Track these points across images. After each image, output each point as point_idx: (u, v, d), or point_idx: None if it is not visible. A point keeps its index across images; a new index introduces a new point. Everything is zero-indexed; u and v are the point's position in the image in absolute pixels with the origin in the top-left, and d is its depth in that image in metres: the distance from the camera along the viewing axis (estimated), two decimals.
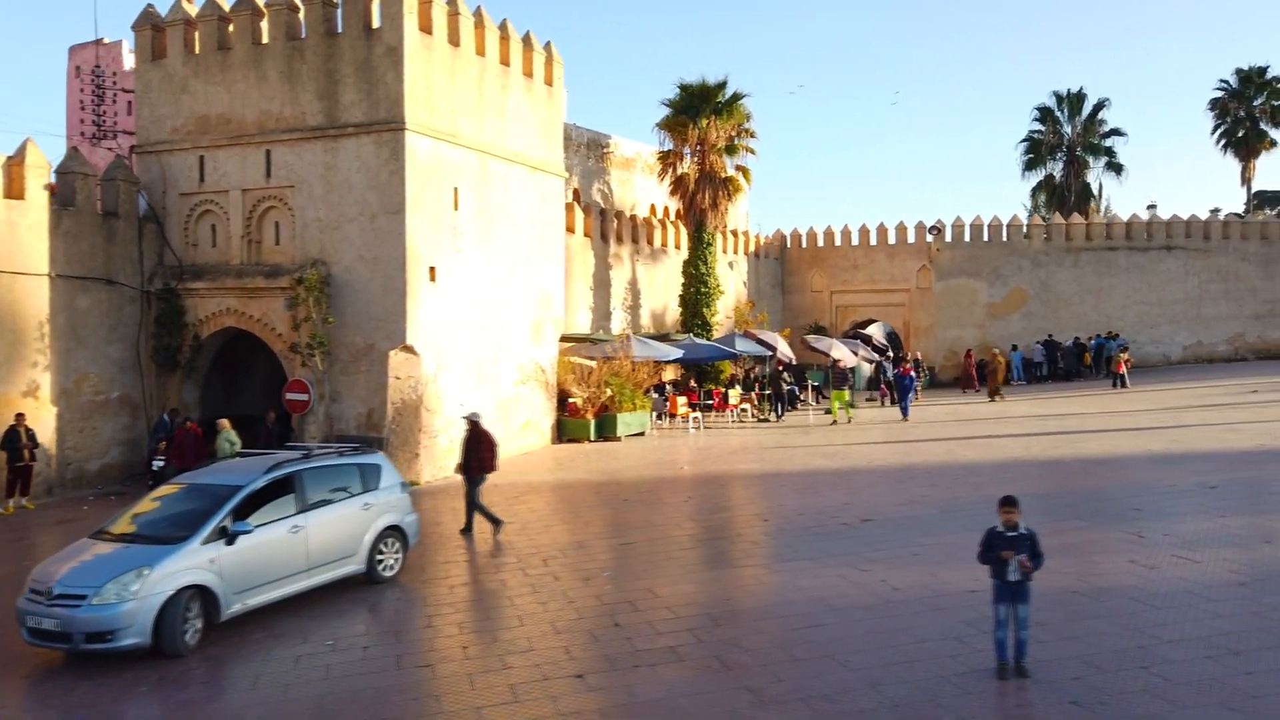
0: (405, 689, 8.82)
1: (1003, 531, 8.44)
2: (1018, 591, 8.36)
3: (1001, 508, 8.49)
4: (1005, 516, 8.43)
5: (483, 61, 21.80)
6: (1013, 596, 8.36)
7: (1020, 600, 8.37)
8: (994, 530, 8.51)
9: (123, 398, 20.86)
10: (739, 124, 34.02)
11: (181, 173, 21.34)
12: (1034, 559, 8.37)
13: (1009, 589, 8.37)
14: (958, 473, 18.43)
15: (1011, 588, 8.36)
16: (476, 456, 15.28)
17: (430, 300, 20.14)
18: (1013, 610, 8.37)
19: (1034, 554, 8.38)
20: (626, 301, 33.27)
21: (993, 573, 8.47)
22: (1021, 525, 8.45)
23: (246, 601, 10.67)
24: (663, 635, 9.91)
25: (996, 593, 8.46)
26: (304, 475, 11.63)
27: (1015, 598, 8.36)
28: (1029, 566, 8.30)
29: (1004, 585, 8.39)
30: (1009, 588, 8.36)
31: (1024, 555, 8.29)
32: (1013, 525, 8.41)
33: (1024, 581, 8.36)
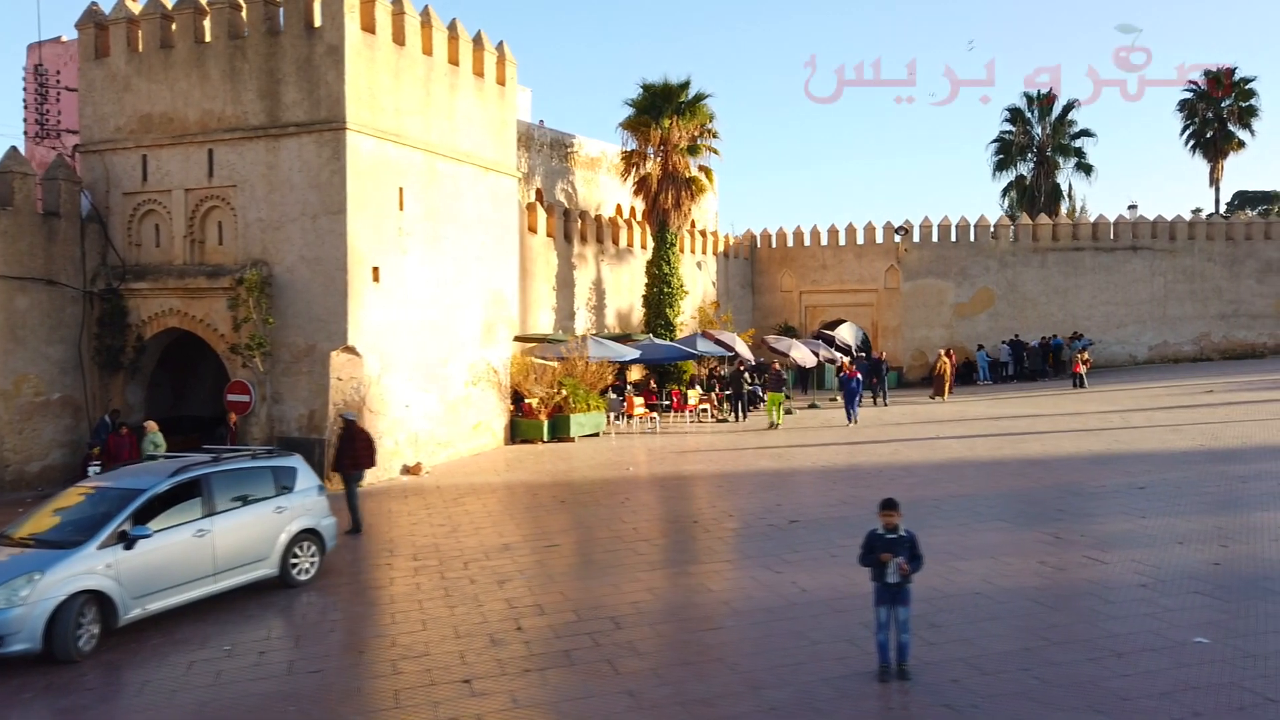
0: (290, 695, 8.76)
1: (882, 534, 8.45)
2: (897, 594, 8.36)
3: (882, 510, 8.49)
4: (885, 519, 8.43)
5: (430, 61, 21.70)
6: (892, 599, 8.36)
7: (900, 603, 8.37)
8: (874, 532, 8.51)
9: (64, 399, 20.68)
10: (702, 124, 34.01)
11: (124, 172, 21.17)
12: (913, 561, 8.36)
13: (889, 591, 8.36)
14: (896, 474, 18.45)
15: (891, 590, 8.35)
16: (351, 454, 15.74)
17: (373, 301, 20.03)
18: (893, 613, 8.37)
19: (913, 556, 8.37)
20: (591, 302, 33.23)
21: (873, 575, 8.47)
22: (902, 528, 8.44)
23: (146, 606, 10.58)
24: (562, 639, 9.88)
25: (877, 595, 8.46)
26: (211, 479, 11.53)
27: (895, 600, 8.36)
28: (907, 569, 8.29)
29: (884, 588, 8.38)
30: (889, 590, 8.36)
31: (902, 558, 8.28)
32: (893, 528, 8.41)
33: (903, 584, 8.36)
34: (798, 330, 42.63)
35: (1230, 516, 13.66)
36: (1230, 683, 7.93)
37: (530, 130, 34.02)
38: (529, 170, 33.56)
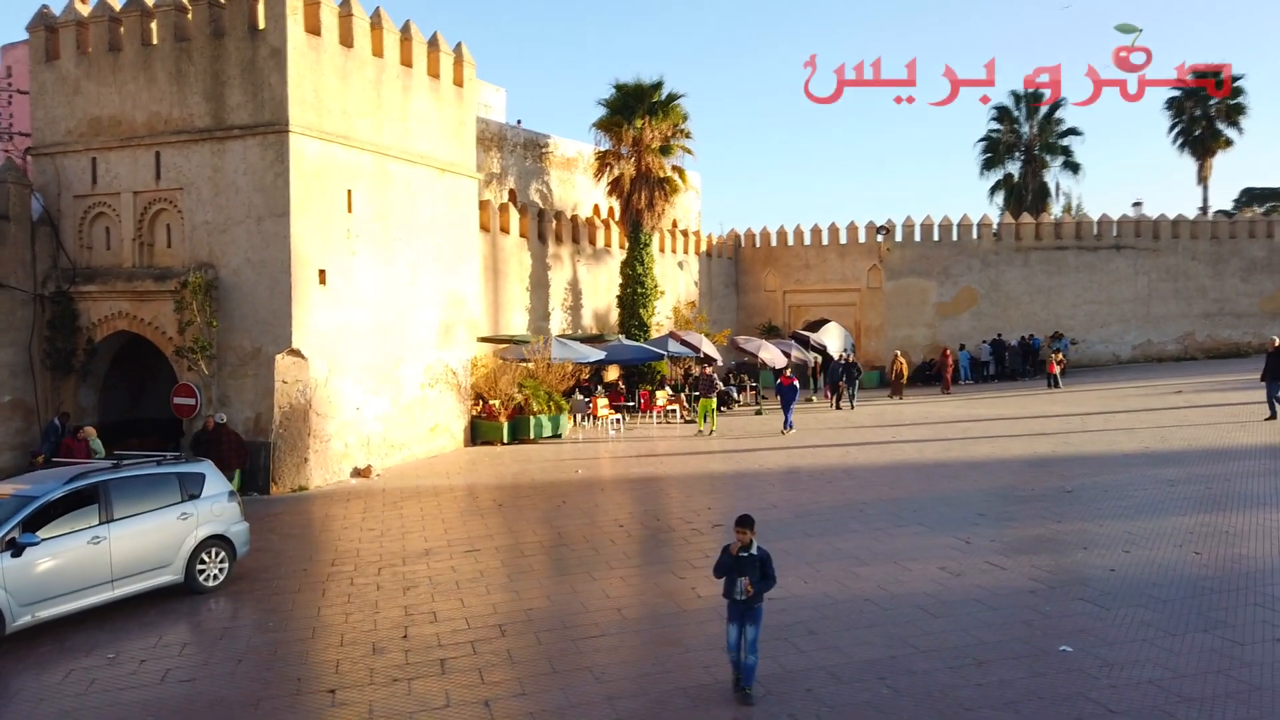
0: (154, 704, 8.77)
1: (736, 552, 8.26)
2: (746, 612, 8.18)
3: (736, 527, 8.30)
4: (739, 537, 8.23)
5: (381, 63, 21.69)
6: (741, 617, 8.19)
7: (750, 621, 8.19)
8: (726, 549, 8.35)
9: (15, 402, 20.77)
10: (675, 124, 33.93)
11: (75, 175, 21.25)
12: (763, 581, 8.19)
13: (738, 609, 8.21)
14: (835, 476, 18.39)
15: (740, 608, 8.20)
16: (218, 456, 16.62)
17: (320, 303, 20.06)
18: (744, 631, 8.20)
19: (763, 575, 8.20)
20: (567, 302, 33.23)
21: (724, 591, 8.33)
22: (755, 546, 8.26)
23: (37, 614, 10.62)
24: (443, 648, 9.87)
25: (729, 612, 8.32)
26: (109, 485, 11.57)
27: (744, 619, 8.19)
28: (751, 589, 8.10)
29: (734, 605, 8.24)
30: (738, 607, 8.21)
31: (747, 578, 8.12)
32: (745, 546, 8.21)
33: (752, 603, 8.18)
34: (781, 330, 42.56)
35: (1144, 521, 13.55)
36: (1077, 693, 7.87)
37: (503, 130, 34.04)
38: (502, 170, 33.59)
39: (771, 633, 9.68)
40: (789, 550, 12.93)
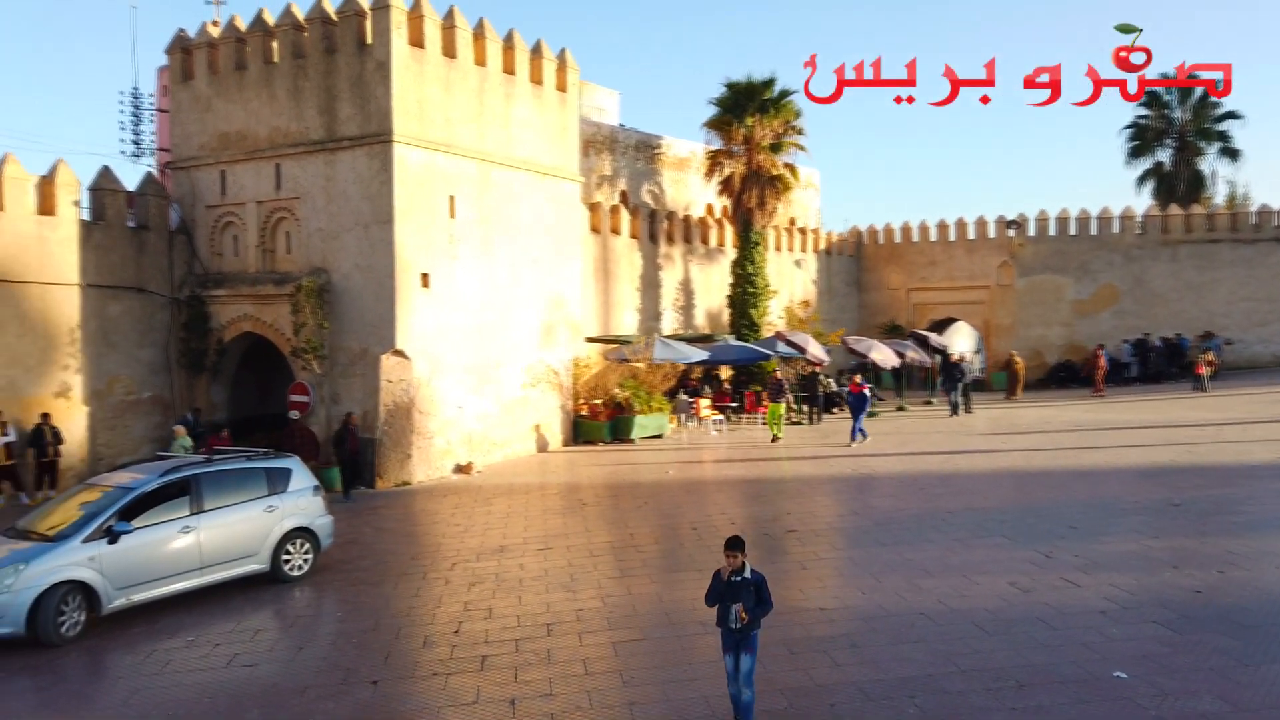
0: (213, 686, 9.34)
1: (729, 576, 7.73)
2: (741, 642, 7.65)
3: (725, 550, 7.76)
4: (729, 560, 7.70)
5: (483, 71, 22.31)
6: (736, 647, 7.67)
7: (745, 650, 7.64)
8: (718, 574, 7.81)
9: (154, 398, 22.43)
10: (787, 121, 33.48)
11: (207, 186, 22.77)
12: (759, 607, 7.66)
13: (733, 638, 7.68)
14: (929, 483, 17.76)
15: (734, 637, 7.66)
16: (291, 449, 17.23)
17: (423, 305, 20.81)
18: (739, 662, 7.67)
19: (759, 600, 7.67)
20: (678, 302, 33.35)
21: (717, 620, 7.81)
22: (748, 569, 7.74)
23: (131, 597, 11.46)
24: (488, 645, 10.11)
25: (723, 642, 7.80)
26: (201, 479, 12.37)
27: (739, 648, 7.66)
28: (745, 616, 7.56)
29: (728, 634, 7.70)
30: (732, 637, 7.67)
31: (741, 604, 7.57)
32: (737, 570, 7.69)
33: (747, 631, 7.64)
34: (905, 329, 41.36)
35: (1251, 540, 12.51)
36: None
37: (615, 133, 34.40)
38: (613, 172, 33.96)
39: (812, 644, 9.51)
40: (855, 559, 12.61)
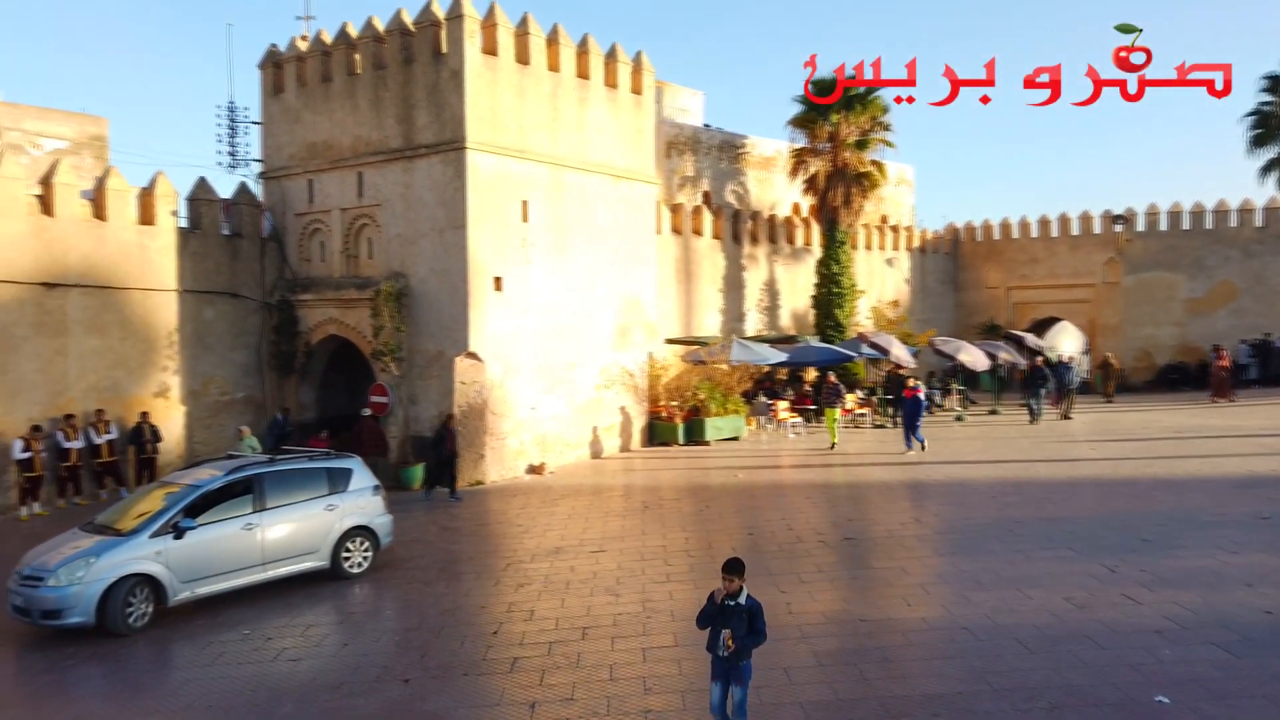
0: (256, 679, 9.70)
1: (723, 600, 7.38)
2: (730, 671, 7.31)
3: (723, 573, 7.43)
4: (725, 584, 7.35)
5: (557, 77, 22.54)
6: (725, 675, 7.34)
7: (735, 681, 7.31)
8: (713, 596, 7.46)
9: (247, 398, 23.45)
10: (874, 117, 32.77)
11: (296, 195, 23.68)
12: (751, 636, 7.29)
13: (721, 666, 7.34)
14: (1003, 490, 17.12)
15: (723, 665, 7.33)
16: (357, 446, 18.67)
17: (495, 308, 21.16)
18: (729, 692, 7.34)
19: (751, 629, 7.30)
20: (763, 303, 33.08)
21: (707, 645, 7.47)
22: (744, 595, 7.38)
23: (195, 590, 12.01)
24: (522, 646, 10.23)
25: (712, 669, 7.49)
26: (264, 478, 12.87)
27: (728, 677, 7.33)
28: (734, 644, 7.19)
29: (717, 661, 7.36)
30: (721, 665, 7.34)
31: (730, 630, 7.19)
32: (733, 594, 7.33)
33: (737, 660, 7.28)
34: (1003, 329, 40.02)
35: None
36: None
37: (698, 134, 34.30)
38: (696, 173, 33.88)
39: (843, 656, 9.29)
40: (907, 570, 12.25)
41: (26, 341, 19.47)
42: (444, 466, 19.61)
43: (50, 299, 19.83)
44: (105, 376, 20.74)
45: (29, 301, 19.52)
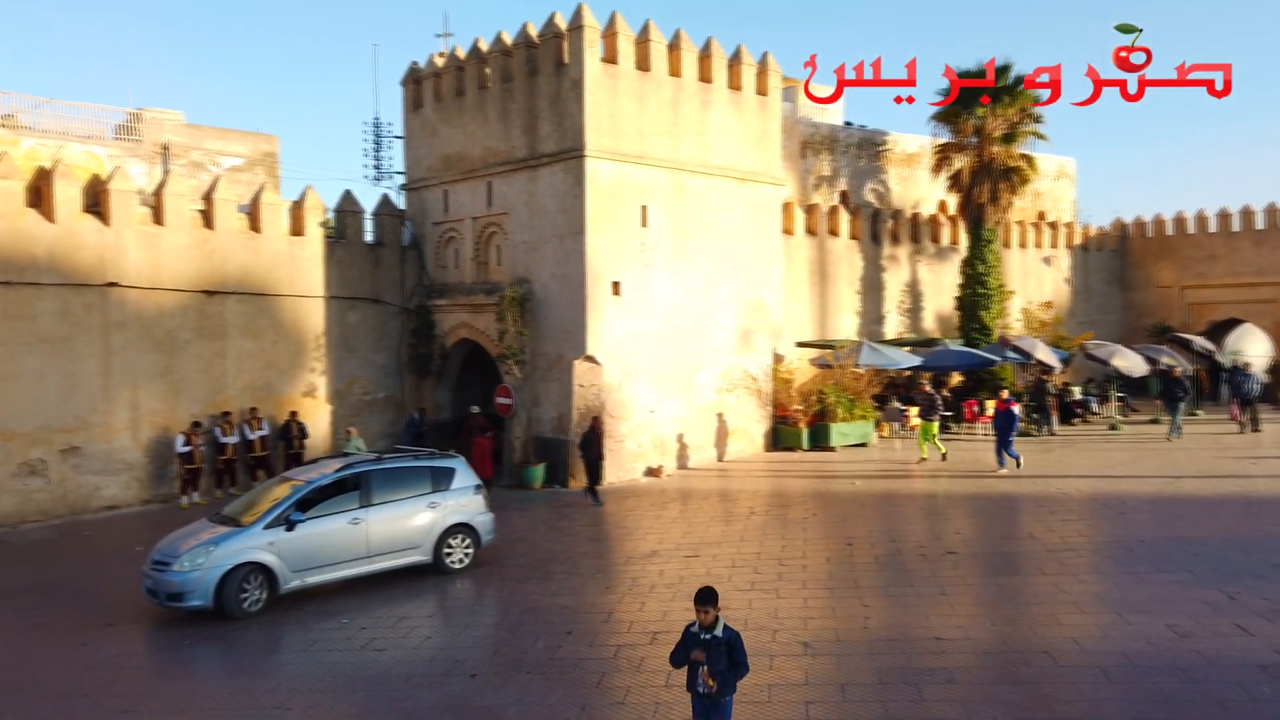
0: (340, 667, 10.29)
1: (696, 632, 6.88)
2: (711, 710, 6.83)
3: (696, 604, 6.92)
4: (699, 615, 6.88)
5: (678, 82, 22.66)
6: (706, 714, 6.86)
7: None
8: (689, 629, 6.97)
9: (388, 398, 24.77)
10: (1023, 109, 31.15)
11: (433, 205, 24.82)
12: (732, 669, 6.80)
13: (701, 705, 6.86)
14: (1136, 507, 15.97)
15: (703, 704, 6.85)
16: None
17: (614, 313, 21.49)
18: None
19: (732, 663, 6.80)
20: (904, 304, 32.19)
21: (687, 684, 6.99)
22: (721, 626, 6.86)
23: (305, 579, 12.83)
24: (591, 648, 10.42)
25: (693, 708, 7.00)
26: (371, 475, 13.59)
27: (709, 717, 6.86)
28: (713, 682, 6.71)
29: (697, 699, 6.88)
30: (701, 703, 6.85)
31: (707, 667, 6.73)
32: (708, 626, 6.83)
33: (718, 697, 6.79)
34: (1176, 330, 37.31)
35: None
36: None
37: (835, 132, 33.64)
38: (833, 172, 33.25)
39: (907, 675, 8.98)
40: (1004, 587, 11.66)
41: (189, 345, 21.26)
42: (592, 468, 19.59)
43: (210, 305, 21.57)
44: (259, 377, 22.36)
45: (192, 308, 21.30)
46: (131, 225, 20.45)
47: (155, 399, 20.70)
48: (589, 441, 19.72)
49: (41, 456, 19.19)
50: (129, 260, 20.39)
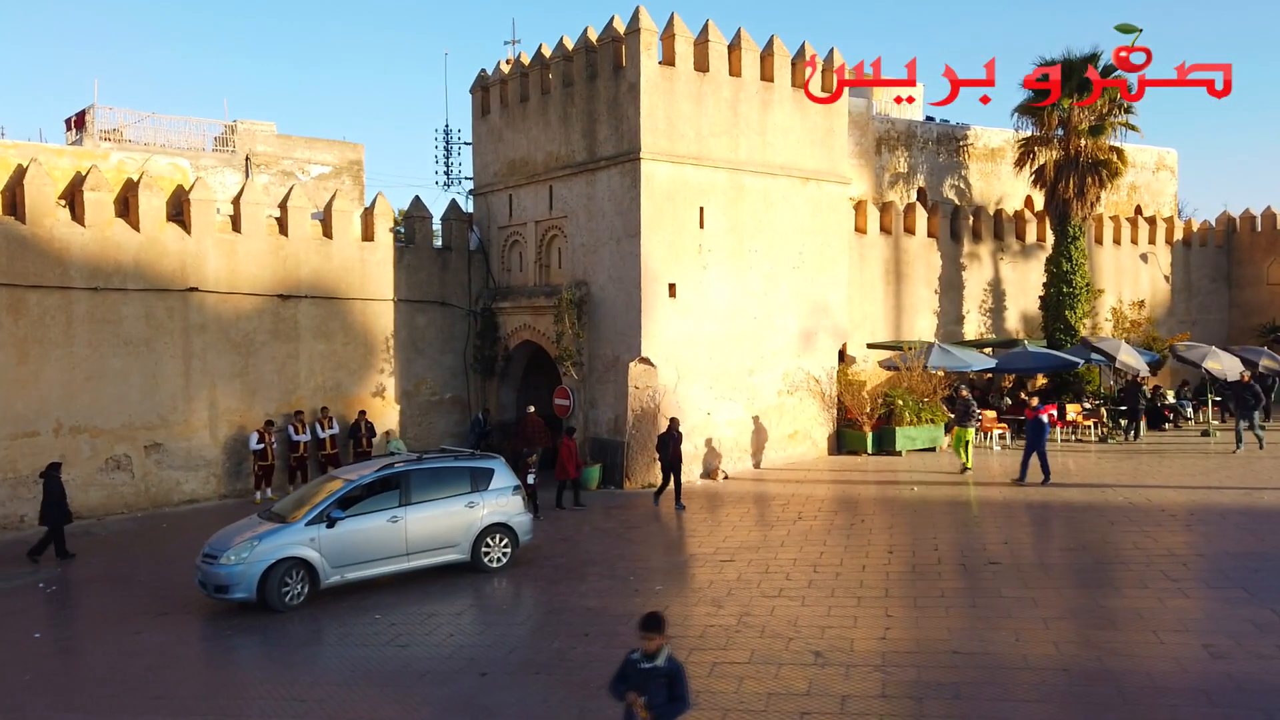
0: (362, 661, 10.59)
1: (637, 660, 6.49)
2: None
3: (639, 630, 6.55)
4: (642, 642, 6.50)
5: (738, 82, 22.51)
6: None
7: None
8: (629, 657, 6.59)
9: (454, 398, 25.32)
10: (1111, 99, 29.86)
11: (499, 209, 25.26)
12: (672, 704, 6.35)
13: None
14: (1205, 518, 15.14)
15: None
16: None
17: (669, 315, 21.48)
18: None
19: (671, 696, 6.36)
20: (985, 304, 31.30)
21: (624, 715, 6.59)
22: (664, 656, 6.45)
23: (345, 575, 13.24)
24: (606, 649, 10.43)
25: None
26: (410, 475, 13.94)
27: None
28: (646, 714, 6.28)
29: None
30: None
31: (644, 698, 6.34)
32: (650, 654, 6.45)
33: None
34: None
35: None
36: None
37: (911, 128, 32.87)
38: (909, 169, 32.50)
39: (914, 689, 8.77)
40: (1038, 600, 11.25)
41: (265, 346, 22.13)
42: (669, 472, 18.94)
43: (285, 309, 22.41)
44: (330, 378, 23.14)
45: (267, 311, 22.17)
46: (211, 233, 21.41)
47: (232, 398, 21.63)
48: (665, 444, 19.16)
49: (126, 452, 20.28)
50: (209, 266, 21.35)
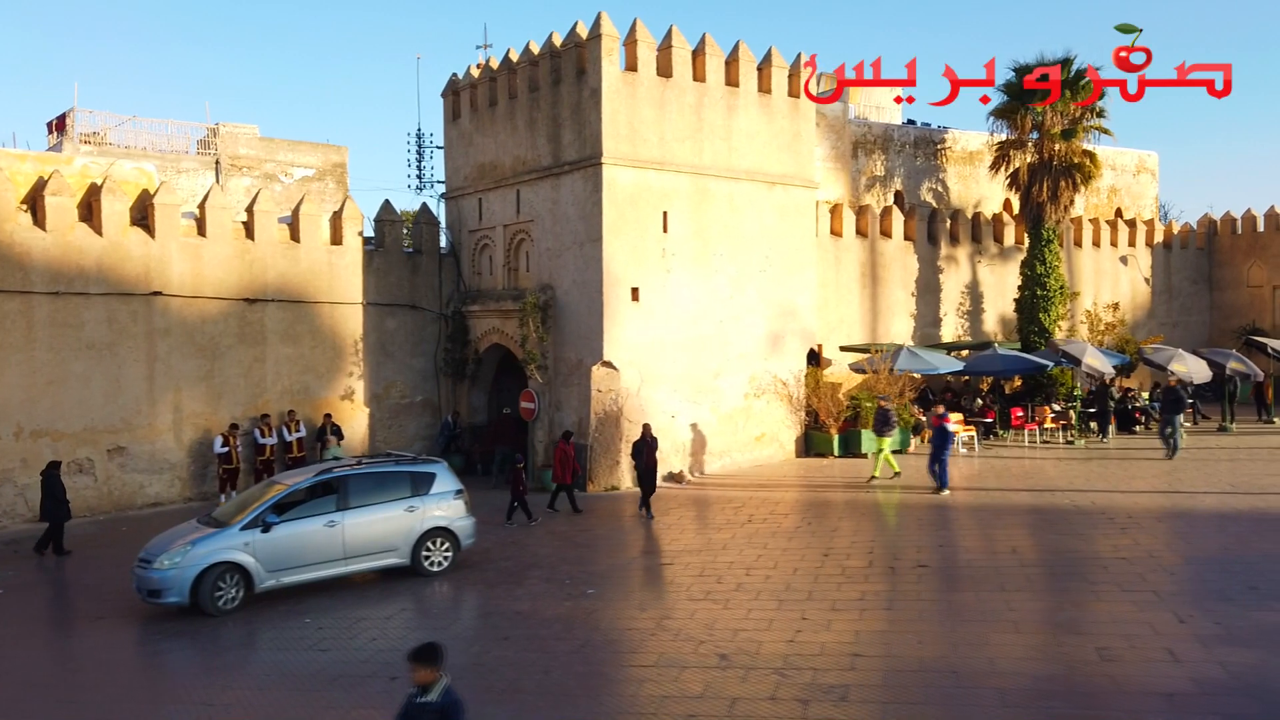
0: (282, 665, 10.73)
1: (414, 696, 6.16)
2: None
3: (410, 661, 6.23)
4: (414, 676, 6.18)
5: (702, 87, 22.62)
6: None
7: None
8: (409, 693, 6.25)
9: (424, 401, 25.47)
10: (1084, 103, 29.89)
11: (469, 213, 25.42)
12: None
13: None
14: (1141, 522, 15.17)
15: None
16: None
17: (632, 318, 21.59)
18: None
19: None
20: (962, 307, 31.37)
21: None
22: (439, 691, 6.08)
23: (281, 579, 13.38)
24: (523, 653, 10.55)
25: None
26: (349, 480, 14.08)
27: None
28: None
29: None
30: None
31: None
32: (424, 687, 6.10)
33: None
34: (1267, 332, 35.28)
35: None
36: None
37: (888, 131, 32.94)
38: (886, 172, 32.58)
39: (804, 691, 8.84)
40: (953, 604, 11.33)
41: (231, 350, 22.30)
42: (645, 478, 18.72)
43: (251, 312, 22.58)
44: (297, 381, 23.29)
45: (233, 315, 22.35)
46: (176, 237, 21.58)
47: (198, 402, 21.80)
48: (639, 450, 19.00)
49: (88, 456, 20.46)
50: (173, 270, 21.52)
